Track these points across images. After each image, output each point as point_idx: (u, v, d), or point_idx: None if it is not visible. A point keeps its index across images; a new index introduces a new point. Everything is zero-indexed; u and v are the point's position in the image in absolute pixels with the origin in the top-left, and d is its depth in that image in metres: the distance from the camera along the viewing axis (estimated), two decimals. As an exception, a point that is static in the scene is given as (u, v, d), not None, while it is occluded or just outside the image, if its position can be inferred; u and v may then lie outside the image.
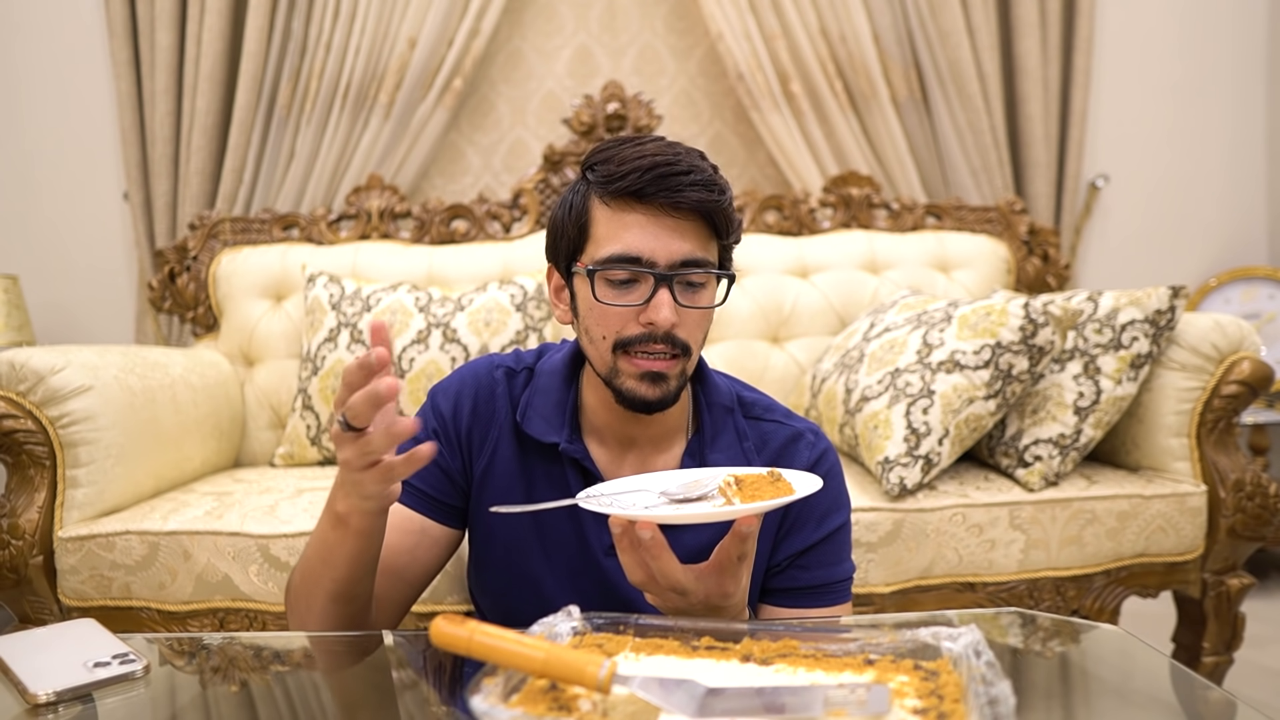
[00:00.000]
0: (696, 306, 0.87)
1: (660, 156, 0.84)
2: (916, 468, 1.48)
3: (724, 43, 2.41)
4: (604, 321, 0.87)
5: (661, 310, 0.84)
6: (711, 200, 0.84)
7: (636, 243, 0.84)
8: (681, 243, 0.84)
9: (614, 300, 0.86)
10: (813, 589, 0.96)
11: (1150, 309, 1.55)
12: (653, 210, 0.84)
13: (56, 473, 1.44)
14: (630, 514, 0.72)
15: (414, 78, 2.36)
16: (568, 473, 0.94)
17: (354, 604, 0.87)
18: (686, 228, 0.85)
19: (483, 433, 0.97)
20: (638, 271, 0.84)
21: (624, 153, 0.85)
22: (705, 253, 0.86)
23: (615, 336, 0.86)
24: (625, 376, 0.87)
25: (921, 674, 0.60)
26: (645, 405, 0.87)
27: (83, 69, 2.46)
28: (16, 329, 2.24)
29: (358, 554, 0.83)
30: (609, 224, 0.86)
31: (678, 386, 0.88)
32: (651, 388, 0.86)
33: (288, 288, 2.10)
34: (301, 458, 1.90)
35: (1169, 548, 1.55)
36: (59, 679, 0.69)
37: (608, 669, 0.54)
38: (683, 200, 0.83)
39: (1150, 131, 2.70)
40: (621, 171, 0.84)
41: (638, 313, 0.85)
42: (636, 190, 0.83)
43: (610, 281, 0.86)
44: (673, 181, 0.83)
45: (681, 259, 0.85)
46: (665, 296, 0.84)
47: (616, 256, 0.84)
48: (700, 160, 0.86)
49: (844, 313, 2.10)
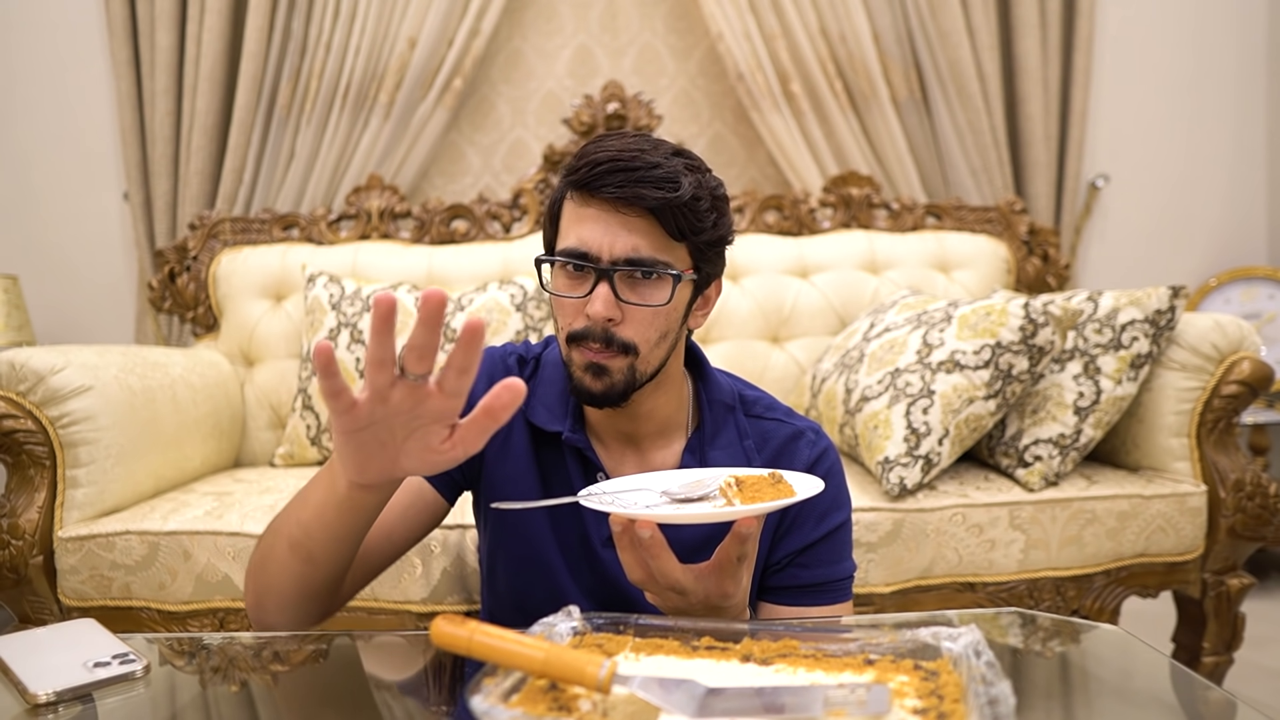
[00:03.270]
0: (643, 304, 0.85)
1: (624, 152, 0.84)
2: (916, 468, 1.48)
3: (724, 43, 2.41)
4: (561, 312, 0.89)
5: (595, 304, 0.84)
6: (663, 198, 0.83)
7: (586, 236, 0.85)
8: (629, 238, 0.84)
9: (563, 291, 0.87)
10: (813, 587, 0.96)
11: (1150, 309, 1.55)
12: (605, 205, 0.84)
13: (56, 473, 1.44)
14: (630, 512, 0.72)
15: (414, 78, 2.36)
16: (569, 462, 0.95)
17: (312, 565, 0.80)
18: (637, 224, 0.84)
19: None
20: (583, 265, 0.85)
21: (593, 147, 0.86)
22: (656, 251, 0.85)
23: (568, 329, 0.88)
24: (575, 367, 0.88)
25: (921, 674, 0.60)
26: (590, 397, 0.88)
27: (83, 69, 2.46)
28: (16, 329, 2.24)
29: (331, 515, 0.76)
30: (569, 217, 0.87)
31: (624, 382, 0.87)
32: (595, 380, 0.87)
33: (288, 288, 2.10)
34: (301, 458, 1.90)
35: (1169, 548, 1.55)
36: (59, 679, 0.68)
37: (608, 669, 0.54)
38: (633, 196, 0.83)
39: (1150, 131, 2.70)
40: (582, 165, 0.85)
41: (584, 305, 0.86)
42: (588, 184, 0.84)
43: (564, 271, 0.87)
44: (623, 177, 0.83)
45: (625, 256, 0.84)
46: (603, 290, 0.84)
47: (567, 250, 0.86)
48: (668, 158, 0.85)
49: (844, 313, 2.10)
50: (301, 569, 0.81)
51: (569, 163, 0.87)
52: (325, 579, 0.83)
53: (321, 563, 0.81)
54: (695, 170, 0.87)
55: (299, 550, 0.80)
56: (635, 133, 0.89)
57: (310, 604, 0.85)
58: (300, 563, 0.81)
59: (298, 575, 0.81)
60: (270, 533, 0.84)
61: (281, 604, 0.84)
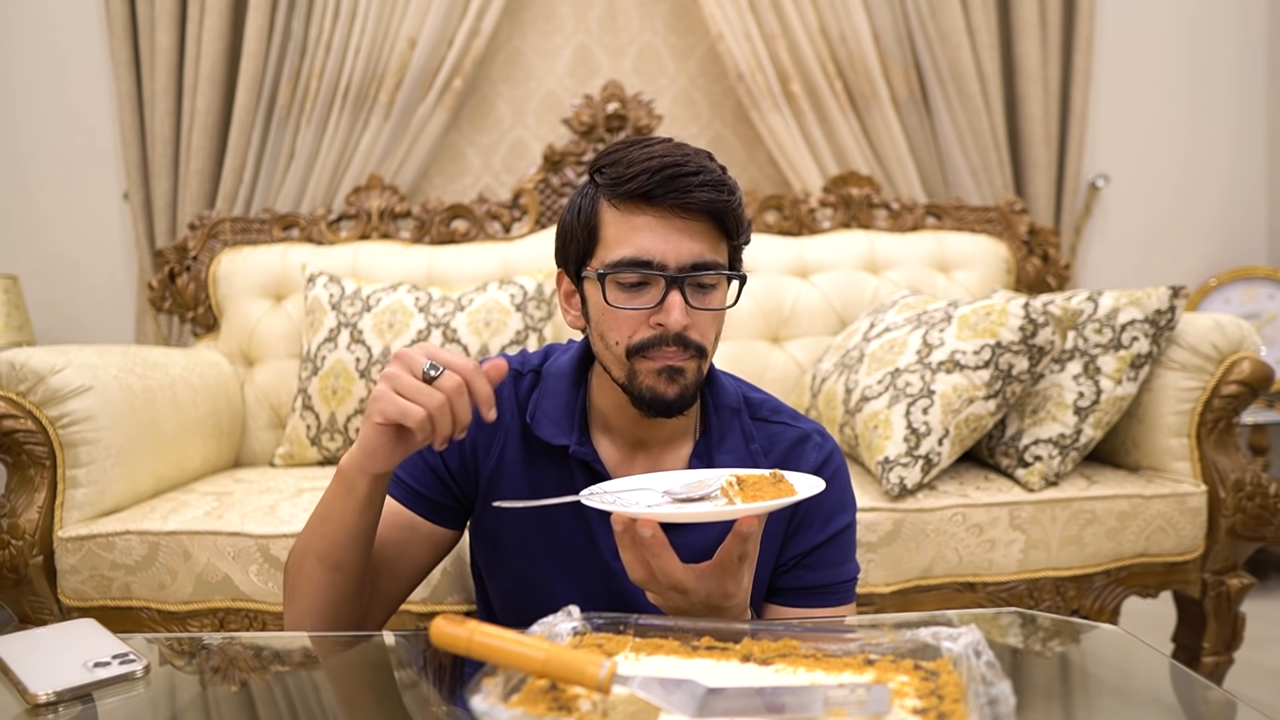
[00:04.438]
0: (708, 308, 0.86)
1: (669, 158, 0.84)
2: (916, 468, 1.48)
3: (724, 43, 2.41)
4: (617, 326, 0.86)
5: (673, 313, 0.83)
6: (721, 201, 0.84)
7: (647, 245, 0.84)
8: (692, 244, 0.84)
9: (625, 304, 0.85)
10: (818, 589, 0.96)
11: (1150, 309, 1.55)
12: (662, 212, 0.84)
13: (56, 473, 1.44)
14: (632, 512, 0.72)
15: (414, 78, 2.36)
16: (575, 475, 0.94)
17: (341, 573, 0.86)
18: (696, 229, 0.85)
19: (489, 435, 0.97)
20: (649, 274, 0.84)
21: (632, 155, 0.85)
22: (715, 254, 0.86)
23: (628, 341, 0.86)
24: (643, 376, 0.86)
25: (921, 674, 0.60)
26: (665, 405, 0.86)
27: (83, 69, 2.46)
28: (16, 329, 2.24)
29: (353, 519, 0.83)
30: (618, 227, 0.86)
31: (695, 384, 0.88)
32: (670, 384, 0.86)
33: (288, 288, 2.10)
34: (301, 458, 1.90)
35: (1169, 548, 1.55)
36: (59, 679, 0.68)
37: (608, 669, 0.54)
38: (692, 201, 0.83)
39: (1150, 131, 2.70)
40: (630, 174, 0.84)
41: (649, 316, 0.85)
42: (645, 192, 0.83)
43: (621, 285, 0.85)
44: (682, 183, 0.83)
45: (692, 261, 0.84)
46: (677, 299, 0.84)
47: (627, 260, 0.84)
48: (709, 161, 0.86)
49: (844, 313, 2.10)
50: (332, 578, 0.86)
51: (608, 174, 0.86)
52: (353, 582, 0.88)
53: (348, 565, 0.86)
54: (726, 173, 0.88)
55: (327, 561, 0.85)
56: (660, 138, 0.89)
57: (343, 608, 0.88)
58: (330, 572, 0.86)
59: (329, 584, 0.87)
60: (294, 561, 0.89)
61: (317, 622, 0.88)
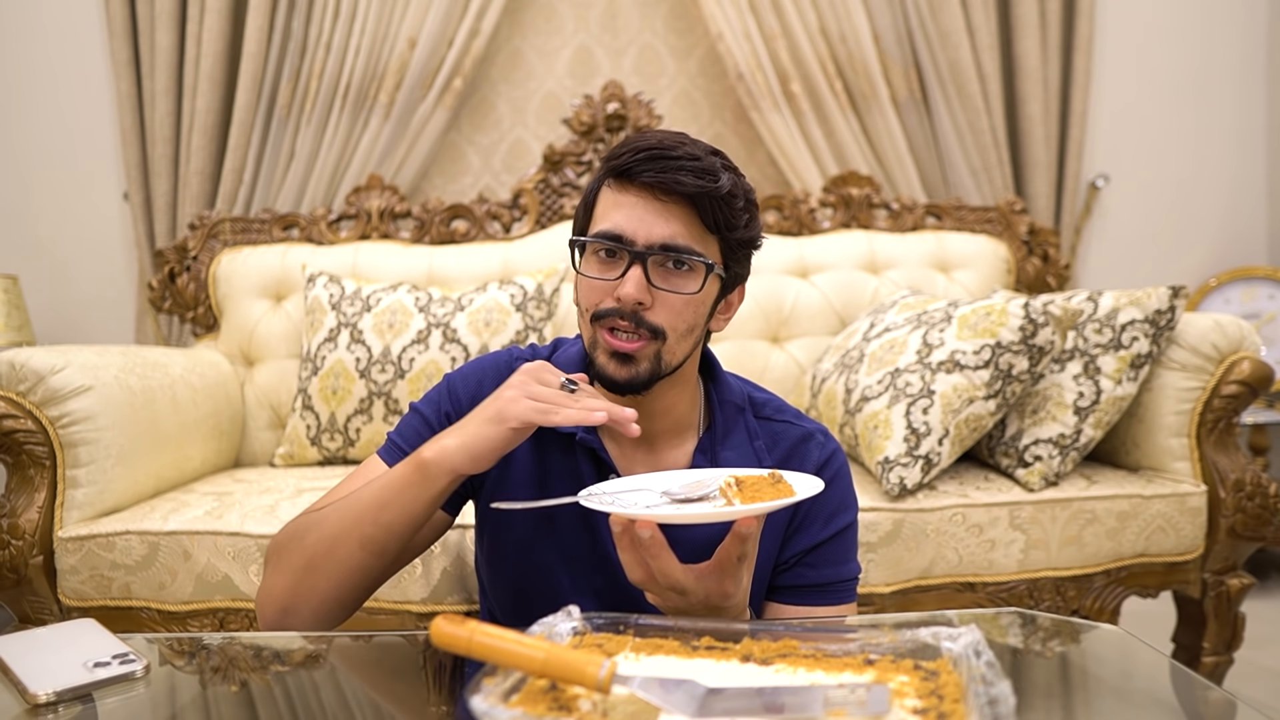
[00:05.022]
0: (672, 290, 0.87)
1: (664, 141, 0.86)
2: (916, 468, 1.48)
3: (724, 43, 2.41)
4: (586, 295, 0.89)
5: (627, 285, 0.85)
6: (701, 186, 0.84)
7: (622, 221, 0.86)
8: (666, 226, 0.86)
9: (594, 274, 0.88)
10: (819, 587, 0.96)
11: (1150, 309, 1.55)
12: (643, 192, 0.86)
13: (56, 473, 1.44)
14: (630, 513, 0.72)
15: (414, 78, 2.36)
16: (581, 463, 0.94)
17: (382, 559, 0.87)
18: (675, 212, 0.86)
19: None
20: (617, 248, 0.86)
21: (635, 139, 0.88)
22: (692, 241, 0.87)
23: (593, 309, 0.88)
24: (599, 351, 0.89)
25: (921, 674, 0.60)
26: (614, 384, 0.89)
27: (83, 69, 2.46)
28: (16, 329, 2.24)
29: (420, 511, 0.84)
30: (605, 203, 0.89)
31: (649, 370, 0.88)
32: (619, 368, 0.88)
33: (288, 288, 2.10)
34: (301, 458, 1.90)
35: (1169, 548, 1.55)
36: (59, 679, 0.69)
37: (608, 669, 0.54)
38: (671, 183, 0.84)
39: (1150, 131, 2.70)
40: (621, 152, 0.87)
41: (615, 288, 0.86)
42: (628, 170, 0.86)
43: (596, 256, 0.88)
44: (664, 164, 0.84)
45: (662, 241, 0.86)
46: (636, 274, 0.85)
47: (601, 232, 0.87)
48: (708, 154, 0.87)
49: (844, 313, 2.10)
50: (371, 563, 0.86)
51: (610, 151, 0.89)
52: (387, 567, 0.89)
53: (392, 552, 0.87)
54: (731, 170, 0.89)
55: (372, 546, 0.85)
56: (673, 131, 0.91)
57: (361, 595, 0.89)
58: (373, 557, 0.86)
59: (363, 568, 0.86)
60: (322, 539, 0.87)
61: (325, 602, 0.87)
